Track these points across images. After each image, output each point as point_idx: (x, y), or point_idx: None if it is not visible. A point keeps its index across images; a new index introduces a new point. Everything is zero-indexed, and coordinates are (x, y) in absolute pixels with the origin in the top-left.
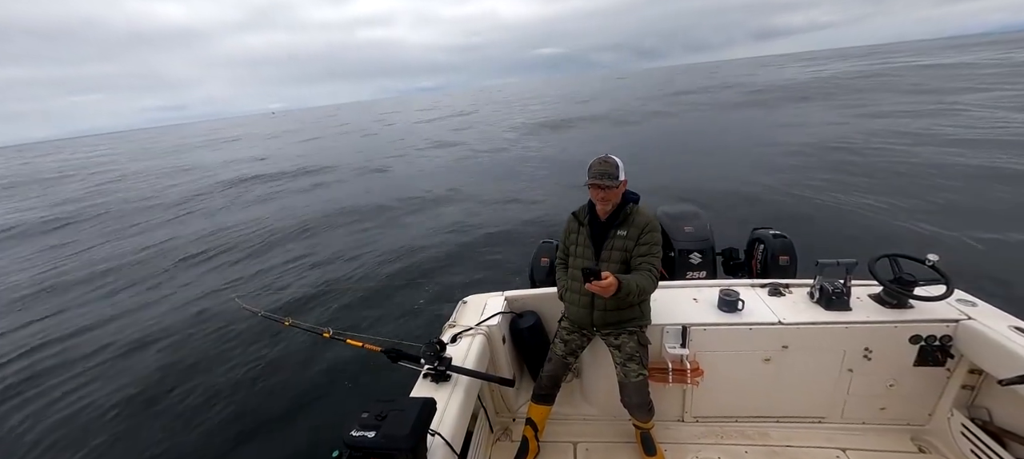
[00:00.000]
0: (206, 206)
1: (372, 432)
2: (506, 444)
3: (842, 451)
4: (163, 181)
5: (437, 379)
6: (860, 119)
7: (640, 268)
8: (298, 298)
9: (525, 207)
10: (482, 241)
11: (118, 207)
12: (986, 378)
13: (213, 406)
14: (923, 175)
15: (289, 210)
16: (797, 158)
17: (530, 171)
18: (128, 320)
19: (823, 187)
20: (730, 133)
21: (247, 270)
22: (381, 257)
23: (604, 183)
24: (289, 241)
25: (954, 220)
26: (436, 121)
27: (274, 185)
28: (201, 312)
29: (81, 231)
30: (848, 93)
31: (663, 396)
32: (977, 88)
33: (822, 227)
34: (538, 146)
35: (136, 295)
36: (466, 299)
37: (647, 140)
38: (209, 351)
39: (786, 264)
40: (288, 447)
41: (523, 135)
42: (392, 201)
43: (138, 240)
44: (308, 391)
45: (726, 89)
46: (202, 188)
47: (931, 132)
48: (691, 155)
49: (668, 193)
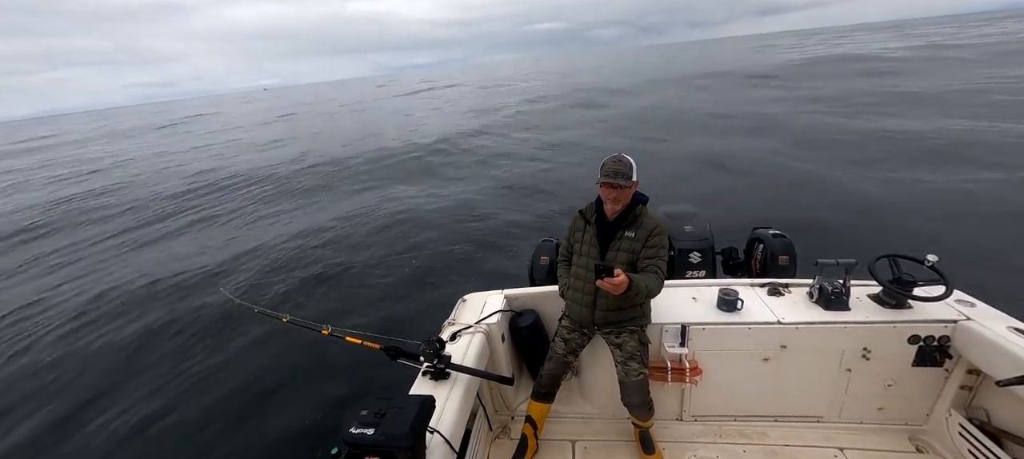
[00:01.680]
0: (190, 202)
1: (371, 429)
2: (505, 442)
3: (840, 450)
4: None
5: (436, 377)
6: (859, 116)
7: (647, 270)
8: (297, 296)
9: (525, 206)
10: (482, 239)
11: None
12: (984, 379)
13: (211, 404)
14: (923, 175)
15: (283, 204)
16: (797, 158)
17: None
18: (122, 314)
19: (823, 187)
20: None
21: (244, 265)
22: (381, 255)
23: (618, 182)
24: (289, 238)
25: (954, 220)
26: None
27: (267, 172)
28: (198, 308)
29: (66, 231)
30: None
31: (662, 395)
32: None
33: (822, 227)
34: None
35: (129, 291)
36: (465, 297)
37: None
38: (205, 348)
39: (785, 264)
40: (287, 445)
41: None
42: (391, 200)
43: (133, 235)
44: (307, 389)
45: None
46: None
47: (929, 132)
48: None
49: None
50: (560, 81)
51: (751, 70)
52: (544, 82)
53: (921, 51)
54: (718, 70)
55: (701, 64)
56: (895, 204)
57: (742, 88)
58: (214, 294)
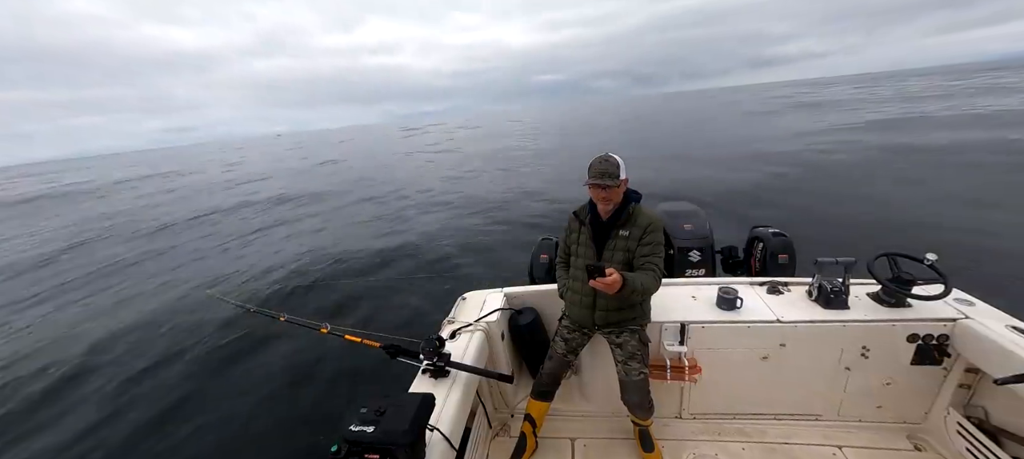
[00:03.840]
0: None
1: (371, 427)
2: (504, 440)
3: (838, 448)
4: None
5: (436, 375)
6: (860, 125)
7: (644, 268)
8: (296, 294)
9: (525, 204)
10: (482, 238)
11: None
12: (982, 377)
13: (210, 404)
14: (922, 176)
15: (284, 205)
16: (796, 159)
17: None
18: (114, 319)
19: (823, 186)
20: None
21: (240, 266)
22: (380, 253)
23: (604, 182)
24: (288, 236)
25: (953, 220)
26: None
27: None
28: (194, 309)
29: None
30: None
31: (661, 393)
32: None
33: (821, 226)
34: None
35: (121, 294)
36: (465, 295)
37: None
38: (200, 349)
39: (785, 262)
40: (287, 443)
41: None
42: (389, 199)
43: (133, 244)
44: (306, 387)
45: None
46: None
47: (928, 137)
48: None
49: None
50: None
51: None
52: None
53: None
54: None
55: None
56: (895, 204)
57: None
58: (206, 293)
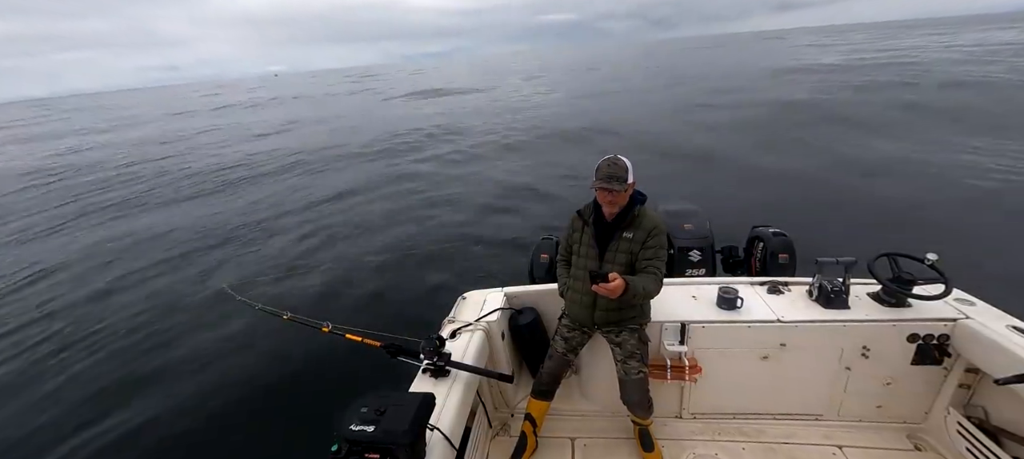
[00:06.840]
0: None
1: (371, 426)
2: (504, 439)
3: (838, 448)
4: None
5: (436, 374)
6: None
7: (646, 271)
8: (297, 293)
9: (525, 203)
10: (482, 237)
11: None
12: (983, 377)
13: (210, 402)
14: (922, 176)
15: (283, 200)
16: (796, 154)
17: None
18: (115, 309)
19: (823, 186)
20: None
21: (243, 262)
22: (381, 252)
23: (612, 186)
24: (286, 235)
25: (953, 220)
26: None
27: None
28: (197, 304)
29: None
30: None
31: (661, 393)
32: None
33: (822, 225)
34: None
35: (122, 284)
36: (465, 295)
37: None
38: (204, 344)
39: (785, 262)
40: (287, 442)
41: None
42: (389, 195)
43: (124, 225)
44: (307, 386)
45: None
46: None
47: (927, 132)
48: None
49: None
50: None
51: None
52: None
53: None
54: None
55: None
56: (895, 203)
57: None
58: (212, 289)
